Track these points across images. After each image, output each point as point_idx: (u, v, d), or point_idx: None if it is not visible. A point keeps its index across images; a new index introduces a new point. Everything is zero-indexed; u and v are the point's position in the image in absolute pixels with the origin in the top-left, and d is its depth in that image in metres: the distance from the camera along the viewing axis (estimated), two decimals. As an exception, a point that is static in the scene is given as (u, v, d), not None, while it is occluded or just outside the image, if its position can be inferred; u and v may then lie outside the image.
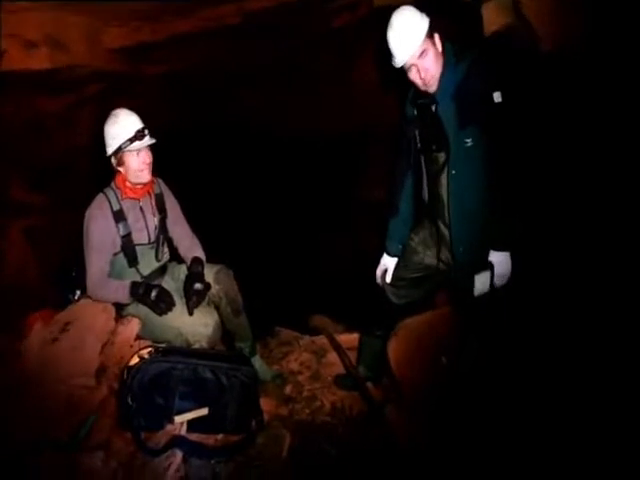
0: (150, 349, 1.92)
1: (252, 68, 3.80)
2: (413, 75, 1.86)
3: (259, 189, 5.30)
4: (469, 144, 1.82)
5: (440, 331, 2.31)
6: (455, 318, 2.34)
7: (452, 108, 1.83)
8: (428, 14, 1.86)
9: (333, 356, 2.64)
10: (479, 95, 1.77)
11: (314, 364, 2.61)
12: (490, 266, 1.85)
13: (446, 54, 1.87)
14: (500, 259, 1.85)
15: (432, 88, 1.88)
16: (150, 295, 2.04)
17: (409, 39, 1.79)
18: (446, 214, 2.00)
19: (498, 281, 1.87)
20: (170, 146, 2.87)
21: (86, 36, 2.86)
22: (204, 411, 1.87)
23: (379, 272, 2.30)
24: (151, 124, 2.20)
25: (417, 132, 2.03)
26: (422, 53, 1.80)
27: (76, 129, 3.16)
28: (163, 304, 2.06)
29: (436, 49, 1.84)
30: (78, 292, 2.19)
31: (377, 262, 2.33)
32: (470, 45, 1.93)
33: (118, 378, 1.96)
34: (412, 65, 1.83)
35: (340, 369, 2.53)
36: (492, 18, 2.40)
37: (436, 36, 1.85)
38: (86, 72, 2.91)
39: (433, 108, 1.92)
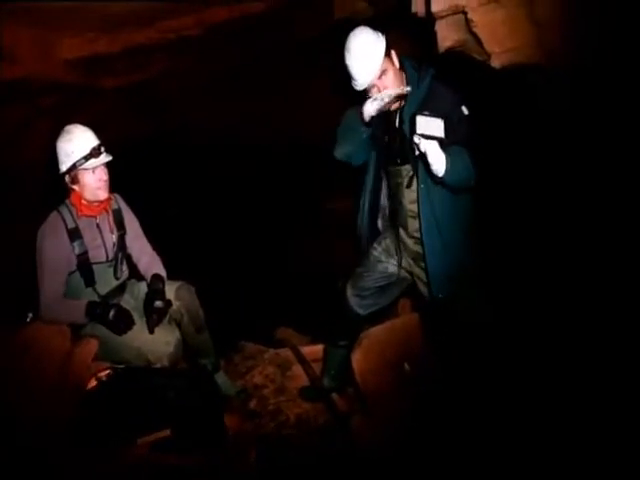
0: (109, 371, 1.89)
1: (213, 79, 3.77)
2: (373, 94, 1.87)
3: (224, 200, 5.25)
4: None
5: (403, 339, 2.36)
6: (418, 325, 2.39)
7: None
8: (383, 31, 1.87)
9: (298, 369, 2.65)
10: (444, 111, 1.78)
11: (279, 377, 2.61)
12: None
13: (407, 70, 1.89)
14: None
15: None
16: (108, 315, 2.00)
17: (368, 64, 1.80)
18: (409, 224, 2.05)
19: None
20: (129, 160, 2.81)
21: (39, 47, 2.77)
22: (166, 432, 1.84)
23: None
24: (108, 137, 2.16)
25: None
26: (382, 73, 1.82)
27: (29, 143, 3.06)
28: (122, 323, 2.02)
29: (395, 67, 1.86)
30: (30, 314, 2.11)
31: (341, 272, 2.36)
32: (427, 60, 1.97)
33: (76, 402, 1.90)
34: (373, 85, 1.85)
35: (305, 381, 2.54)
36: (446, 34, 2.47)
37: (393, 53, 1.87)
38: (40, 84, 2.82)
39: (397, 123, 1.94)
